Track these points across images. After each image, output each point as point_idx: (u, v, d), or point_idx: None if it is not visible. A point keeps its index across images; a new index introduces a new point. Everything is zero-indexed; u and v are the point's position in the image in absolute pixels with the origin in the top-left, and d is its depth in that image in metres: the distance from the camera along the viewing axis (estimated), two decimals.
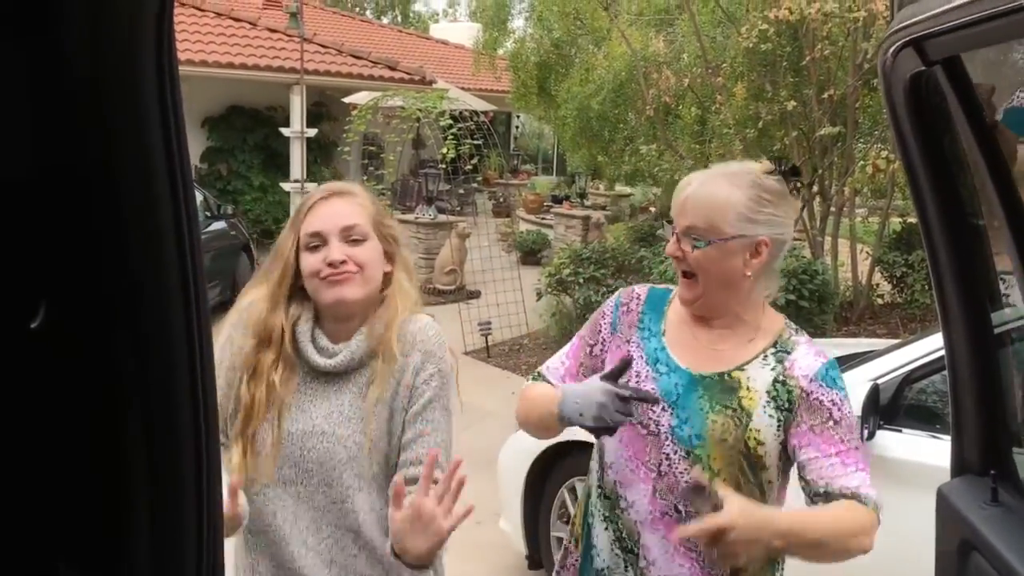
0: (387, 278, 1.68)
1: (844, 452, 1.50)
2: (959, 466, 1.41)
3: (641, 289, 1.76)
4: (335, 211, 1.61)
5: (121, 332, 0.70)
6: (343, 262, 1.56)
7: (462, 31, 21.40)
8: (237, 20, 12.58)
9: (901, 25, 1.10)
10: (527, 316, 8.57)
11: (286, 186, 10.64)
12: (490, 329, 8.06)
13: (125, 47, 0.65)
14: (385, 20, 31.79)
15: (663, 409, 1.60)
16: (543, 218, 14.22)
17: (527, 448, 3.61)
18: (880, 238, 8.07)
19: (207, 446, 0.73)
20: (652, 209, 14.89)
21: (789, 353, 1.58)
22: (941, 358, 2.69)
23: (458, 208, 13.26)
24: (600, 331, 1.76)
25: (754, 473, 1.56)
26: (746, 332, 1.61)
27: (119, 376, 0.69)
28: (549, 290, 7.59)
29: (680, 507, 1.58)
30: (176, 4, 0.72)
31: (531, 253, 12.18)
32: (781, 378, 1.56)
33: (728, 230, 1.53)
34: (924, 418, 2.81)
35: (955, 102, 1.08)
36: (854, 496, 1.47)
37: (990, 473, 1.30)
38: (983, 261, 1.54)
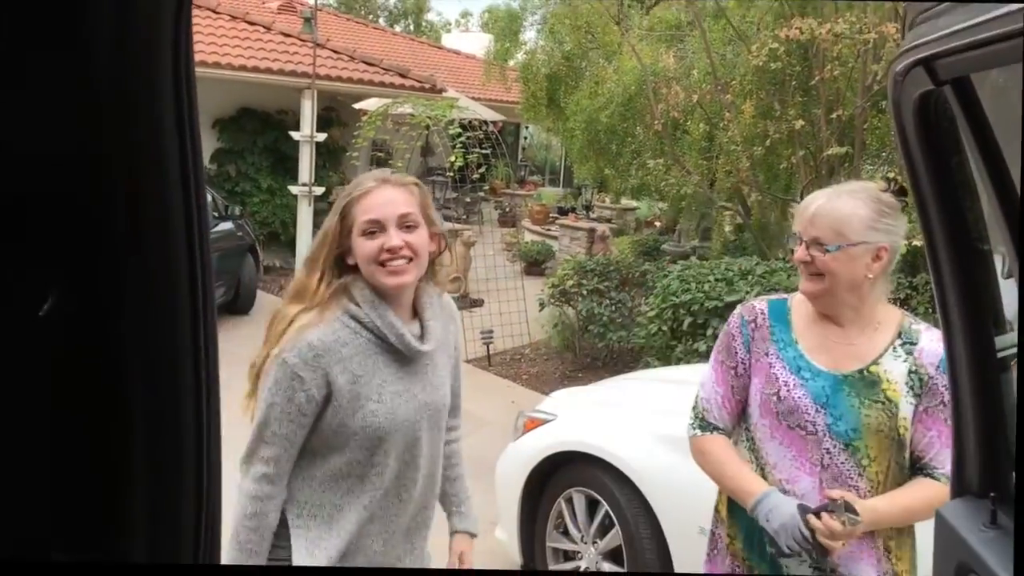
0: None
1: (946, 432, 1.75)
2: (958, 488, 1.41)
3: (761, 304, 1.97)
4: (390, 199, 1.71)
5: (128, 323, 0.70)
6: (401, 248, 1.68)
7: (474, 41, 21.47)
8: (251, 23, 12.62)
9: (912, 44, 1.10)
10: (529, 326, 8.57)
11: (294, 189, 10.66)
12: (492, 338, 8.06)
13: (145, 45, 0.66)
14: (398, 28, 31.91)
15: (816, 411, 1.81)
16: (548, 229, 14.24)
17: (525, 457, 3.61)
18: None
19: (208, 438, 0.74)
20: (657, 224, 14.90)
21: (915, 343, 1.81)
22: None
23: (464, 216, 13.29)
24: (736, 352, 1.95)
25: (901, 453, 1.80)
26: (871, 326, 1.83)
27: (124, 366, 0.70)
28: (552, 301, 7.59)
29: (851, 491, 1.80)
30: (192, 6, 0.73)
31: (535, 264, 12.18)
32: (914, 368, 1.79)
33: (854, 237, 1.76)
34: None
35: (964, 123, 1.09)
36: (944, 477, 1.74)
37: (990, 496, 1.29)
38: (988, 284, 1.53)
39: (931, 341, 1.80)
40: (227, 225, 8.74)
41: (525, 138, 22.34)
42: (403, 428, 1.76)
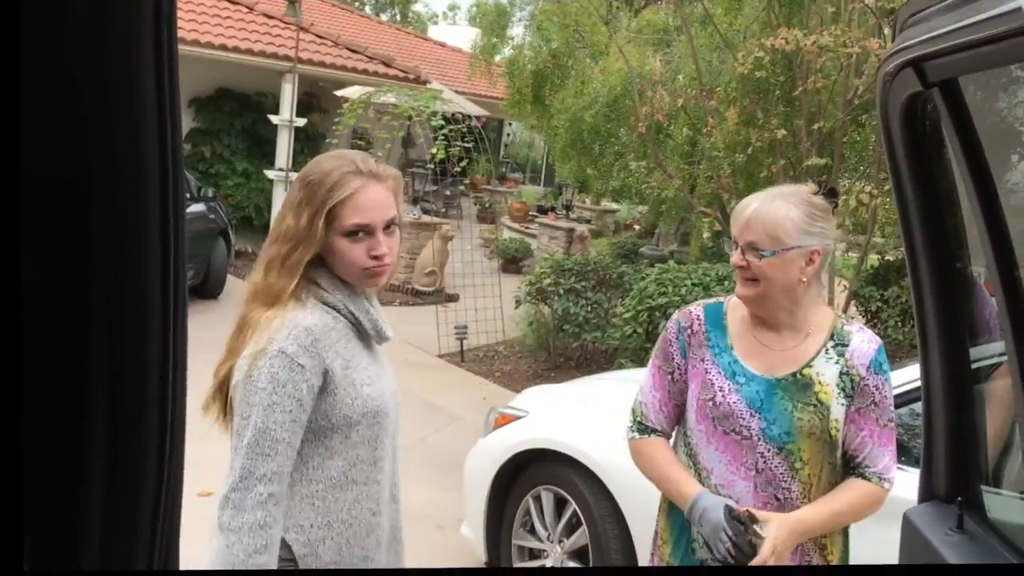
0: None
1: (877, 432, 1.81)
2: (927, 493, 1.41)
3: (697, 309, 1.99)
4: (378, 200, 1.60)
5: (96, 296, 0.68)
6: (387, 254, 1.61)
7: (460, 34, 21.41)
8: (234, 3, 12.49)
9: (902, 46, 1.10)
10: (504, 323, 8.55)
11: (270, 174, 10.55)
12: (466, 334, 8.03)
13: (124, 20, 0.64)
14: (384, 17, 31.76)
15: (751, 415, 1.83)
16: (527, 227, 14.23)
17: (495, 454, 3.59)
18: (858, 272, 8.14)
19: (172, 423, 0.71)
20: (636, 227, 14.95)
21: (847, 345, 1.84)
22: (910, 391, 2.73)
23: (443, 210, 13.25)
24: (672, 358, 1.98)
25: (831, 454, 1.83)
26: (804, 329, 1.86)
27: (88, 344, 0.67)
28: (528, 299, 7.58)
29: (779, 496, 1.83)
30: None
31: (513, 261, 12.18)
32: (845, 369, 1.82)
33: (788, 241, 1.78)
34: None
35: (950, 126, 1.09)
36: (875, 476, 1.81)
37: (957, 501, 1.30)
38: (966, 294, 1.54)
39: (862, 342, 1.84)
40: (199, 207, 8.63)
41: (508, 135, 22.33)
42: (392, 413, 1.72)
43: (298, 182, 1.63)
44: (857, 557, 2.58)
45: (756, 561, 1.72)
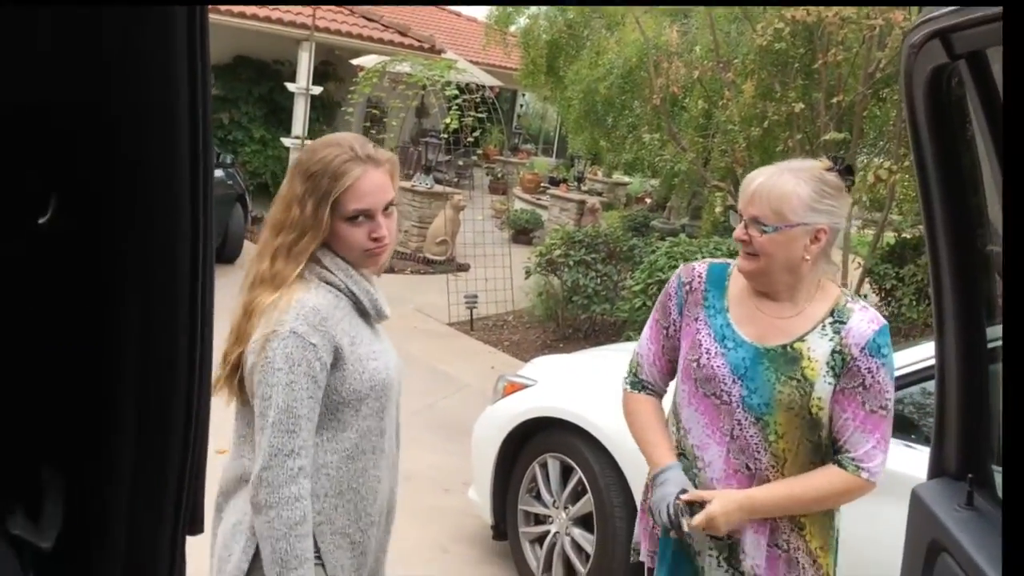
0: None
1: (862, 416, 1.74)
2: (936, 469, 1.41)
3: (701, 266, 1.95)
4: (377, 185, 1.65)
5: (132, 235, 0.68)
6: (386, 236, 1.67)
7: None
8: None
9: (929, 16, 1.08)
10: (514, 294, 8.56)
11: (287, 141, 10.54)
12: (476, 303, 8.05)
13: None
14: None
15: (733, 381, 1.80)
16: (539, 198, 14.18)
17: (503, 421, 3.61)
18: (873, 249, 8.08)
19: (202, 349, 0.72)
20: (648, 200, 14.87)
21: (845, 323, 1.77)
22: (922, 370, 2.72)
23: (455, 180, 13.21)
24: (669, 313, 1.96)
25: (813, 432, 1.78)
26: (803, 305, 1.81)
27: (123, 276, 0.68)
28: (538, 269, 7.58)
29: (750, 465, 1.81)
30: None
31: (523, 232, 12.15)
32: (838, 348, 1.76)
33: (792, 218, 1.72)
34: (901, 427, 2.81)
35: (975, 99, 1.07)
36: (852, 463, 1.74)
37: (967, 478, 1.29)
38: (985, 271, 1.53)
39: (861, 322, 1.76)
40: (218, 173, 8.65)
41: (521, 106, 22.17)
42: (396, 385, 1.77)
43: (299, 174, 1.66)
44: (852, 534, 2.59)
45: (688, 527, 1.76)
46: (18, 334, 0.68)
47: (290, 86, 10.50)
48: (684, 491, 1.82)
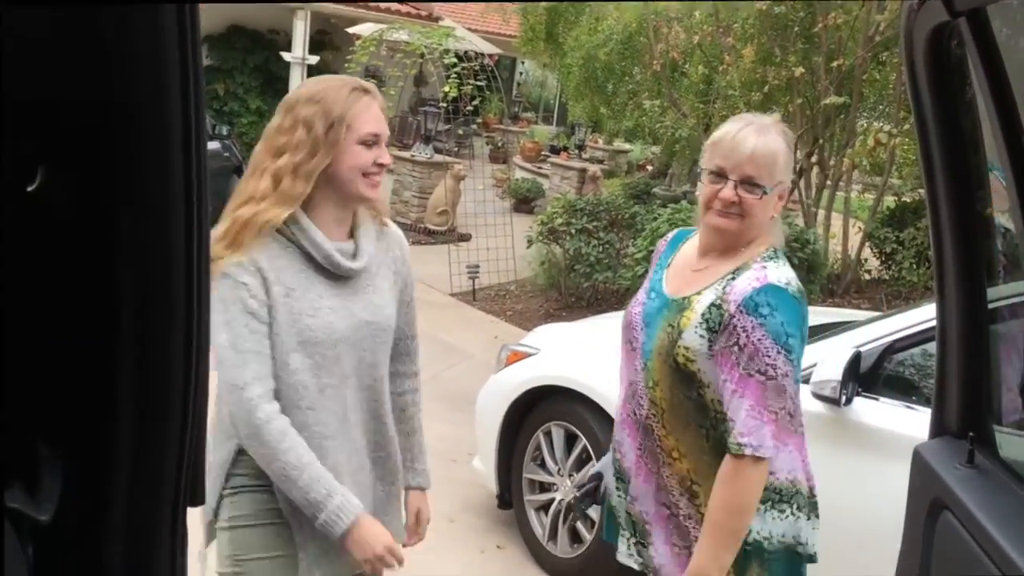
0: None
1: (737, 377, 1.63)
2: (938, 428, 1.42)
3: (673, 232, 2.00)
4: (380, 114, 1.74)
5: (123, 205, 0.68)
6: (387, 163, 1.74)
7: None
8: None
9: None
10: (516, 263, 8.56)
11: None
12: (478, 273, 8.05)
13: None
14: None
15: (641, 329, 1.83)
16: (539, 167, 14.12)
17: (506, 390, 3.63)
18: (873, 213, 8.06)
19: (199, 316, 0.72)
20: (649, 167, 14.81)
21: (735, 279, 1.70)
22: (924, 331, 2.73)
23: (455, 149, 13.15)
24: (648, 271, 2.02)
25: (689, 387, 1.73)
26: (731, 262, 1.76)
27: (115, 245, 0.68)
28: (540, 238, 7.57)
29: (637, 411, 1.82)
30: None
31: (525, 201, 12.11)
32: (717, 302, 1.70)
33: (780, 177, 1.73)
34: (902, 388, 2.83)
35: (976, 59, 1.06)
36: (733, 441, 1.63)
37: (968, 436, 1.30)
38: (986, 232, 1.53)
39: (746, 280, 1.67)
40: (214, 145, 8.61)
41: (521, 74, 22.00)
42: (351, 344, 1.75)
43: (301, 101, 1.72)
44: (858, 495, 2.62)
45: None
46: (9, 305, 0.68)
47: (286, 56, 10.42)
48: (599, 474, 1.99)
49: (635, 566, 1.94)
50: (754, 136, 1.71)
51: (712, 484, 1.69)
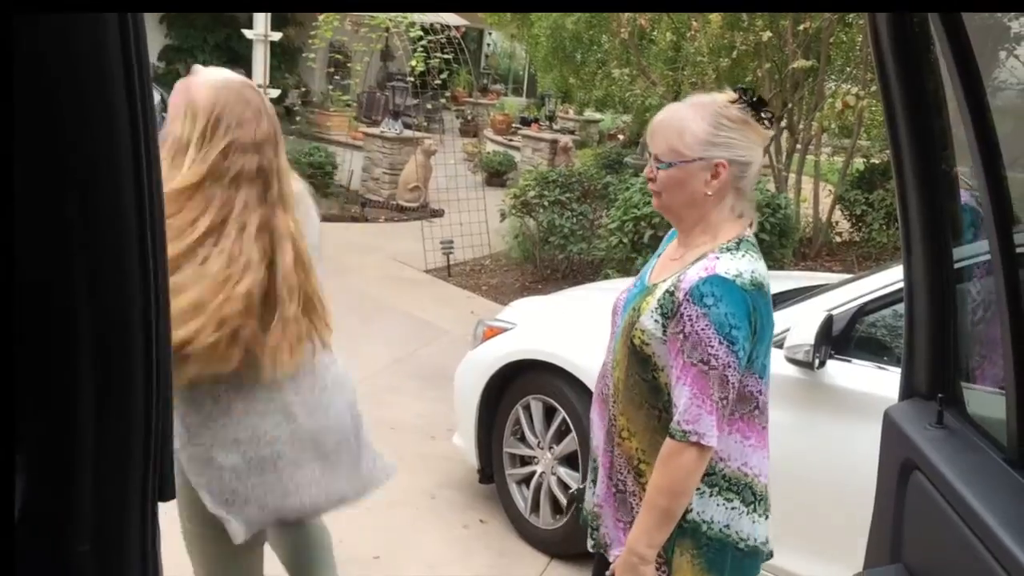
0: None
1: (681, 365, 1.66)
2: (907, 390, 1.44)
3: None
4: None
5: (71, 201, 0.66)
6: None
7: None
8: None
9: None
10: (490, 237, 8.54)
11: None
12: (452, 248, 8.02)
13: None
14: None
15: (620, 314, 1.88)
16: (510, 140, 14.05)
17: (484, 365, 3.63)
18: (843, 176, 8.12)
19: (158, 320, 0.71)
20: (620, 136, 14.79)
21: (690, 269, 1.71)
22: (894, 292, 2.76)
23: (425, 124, 13.03)
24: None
25: (644, 369, 1.76)
26: (696, 249, 1.76)
27: (68, 244, 0.66)
28: (513, 212, 7.55)
29: (604, 390, 1.87)
30: None
31: (497, 174, 12.07)
32: (671, 288, 1.71)
33: (688, 153, 1.70)
34: (873, 350, 2.86)
35: (938, 22, 1.06)
36: (675, 425, 1.65)
37: (937, 397, 1.32)
38: (949, 194, 1.54)
39: (698, 269, 1.69)
40: None
41: (488, 45, 21.82)
42: None
43: None
44: (831, 457, 2.66)
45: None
46: None
47: (248, 33, 10.22)
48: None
49: (590, 549, 1.96)
50: (665, 112, 1.76)
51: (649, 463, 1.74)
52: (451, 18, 11.73)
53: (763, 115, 1.73)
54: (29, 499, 0.73)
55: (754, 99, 1.73)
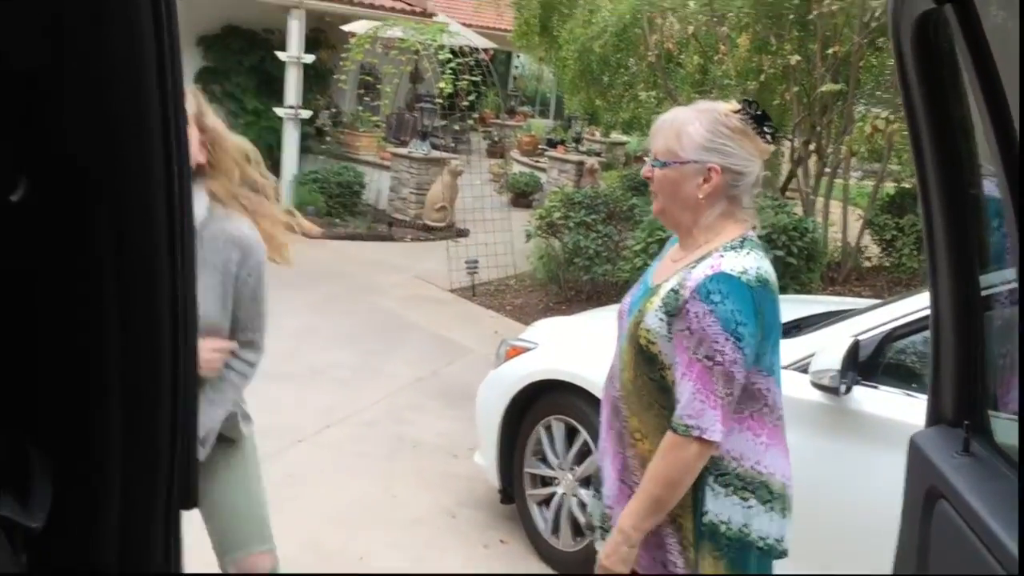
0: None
1: (686, 362, 1.68)
2: (933, 417, 1.42)
3: None
4: None
5: (102, 208, 0.68)
6: None
7: None
8: None
9: None
10: (515, 258, 8.56)
11: (280, 112, 10.45)
12: (477, 268, 8.05)
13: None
14: None
15: (626, 317, 1.89)
16: (537, 161, 14.09)
17: (507, 385, 3.63)
18: (873, 200, 8.05)
19: (185, 319, 0.72)
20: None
21: (696, 266, 1.73)
22: (923, 319, 2.72)
23: (452, 145, 13.13)
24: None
25: (652, 369, 1.77)
26: (698, 250, 1.79)
27: (99, 250, 0.68)
28: (538, 232, 7.56)
29: (612, 392, 1.88)
30: None
31: (523, 195, 12.10)
32: (676, 287, 1.73)
33: (683, 155, 1.74)
34: (901, 377, 2.83)
35: (963, 44, 1.06)
36: (677, 419, 1.68)
37: (964, 424, 1.30)
38: (977, 220, 1.53)
39: (702, 268, 1.71)
40: None
41: (516, 68, 21.95)
42: None
43: None
44: (855, 483, 2.62)
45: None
46: None
47: (281, 55, 10.39)
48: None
49: (599, 550, 1.96)
50: (668, 115, 1.81)
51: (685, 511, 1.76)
52: (480, 41, 11.83)
53: (765, 129, 1.76)
54: (56, 506, 0.74)
55: (757, 112, 1.76)
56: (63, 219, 0.68)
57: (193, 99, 1.86)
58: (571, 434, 3.46)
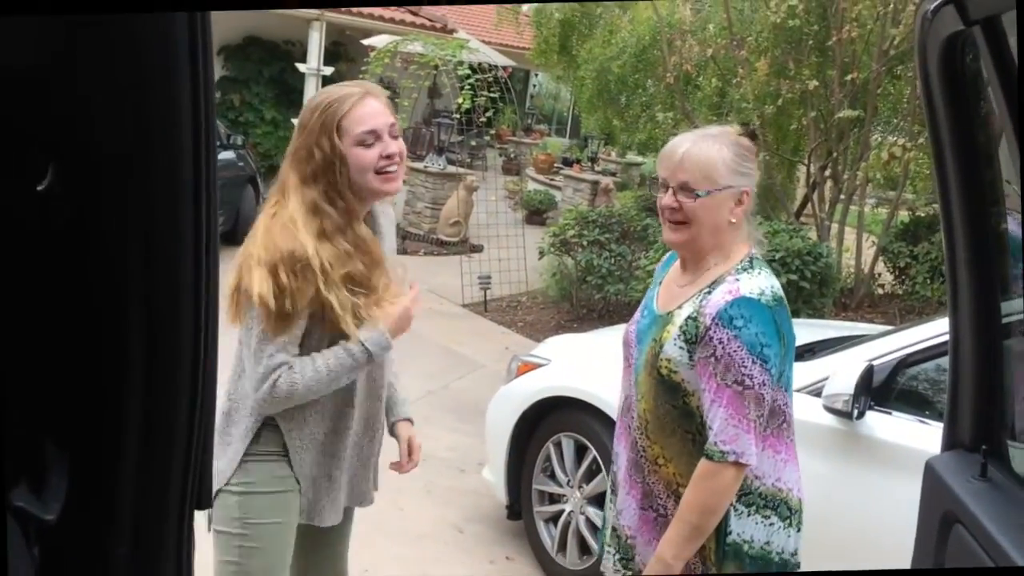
0: None
1: (715, 388, 1.68)
2: (950, 441, 1.41)
3: (670, 252, 2.02)
4: (378, 109, 1.79)
5: (132, 208, 0.68)
6: (396, 154, 1.78)
7: None
8: None
9: None
10: (527, 274, 8.56)
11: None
12: (489, 284, 8.05)
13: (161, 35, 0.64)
14: None
15: (634, 346, 1.89)
16: (552, 179, 14.12)
17: (517, 401, 3.62)
18: (887, 227, 8.02)
19: (207, 329, 0.72)
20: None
21: (711, 292, 1.74)
22: (937, 345, 2.71)
23: (468, 161, 13.17)
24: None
25: (675, 396, 1.77)
26: (707, 272, 1.79)
27: (124, 244, 0.68)
28: (552, 250, 7.56)
29: (629, 424, 1.86)
30: None
31: (537, 213, 12.11)
32: (694, 314, 1.73)
33: (721, 181, 1.75)
34: (915, 403, 2.80)
35: (991, 67, 1.05)
36: (711, 445, 1.68)
37: (981, 449, 1.29)
38: (999, 246, 1.52)
39: (722, 292, 1.72)
40: (229, 155, 8.65)
41: (534, 86, 22.05)
42: None
43: (306, 119, 1.80)
44: (868, 508, 2.60)
45: None
46: (18, 304, 0.68)
47: (301, 67, 10.48)
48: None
49: None
50: (687, 143, 1.79)
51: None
52: (499, 58, 11.90)
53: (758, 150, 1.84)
54: (70, 500, 0.74)
55: (752, 132, 1.84)
56: (89, 214, 0.69)
57: (391, 105, 1.91)
58: (580, 451, 3.44)
